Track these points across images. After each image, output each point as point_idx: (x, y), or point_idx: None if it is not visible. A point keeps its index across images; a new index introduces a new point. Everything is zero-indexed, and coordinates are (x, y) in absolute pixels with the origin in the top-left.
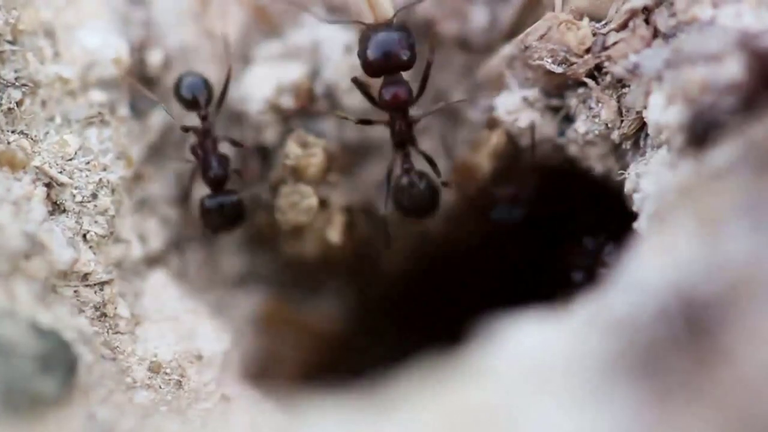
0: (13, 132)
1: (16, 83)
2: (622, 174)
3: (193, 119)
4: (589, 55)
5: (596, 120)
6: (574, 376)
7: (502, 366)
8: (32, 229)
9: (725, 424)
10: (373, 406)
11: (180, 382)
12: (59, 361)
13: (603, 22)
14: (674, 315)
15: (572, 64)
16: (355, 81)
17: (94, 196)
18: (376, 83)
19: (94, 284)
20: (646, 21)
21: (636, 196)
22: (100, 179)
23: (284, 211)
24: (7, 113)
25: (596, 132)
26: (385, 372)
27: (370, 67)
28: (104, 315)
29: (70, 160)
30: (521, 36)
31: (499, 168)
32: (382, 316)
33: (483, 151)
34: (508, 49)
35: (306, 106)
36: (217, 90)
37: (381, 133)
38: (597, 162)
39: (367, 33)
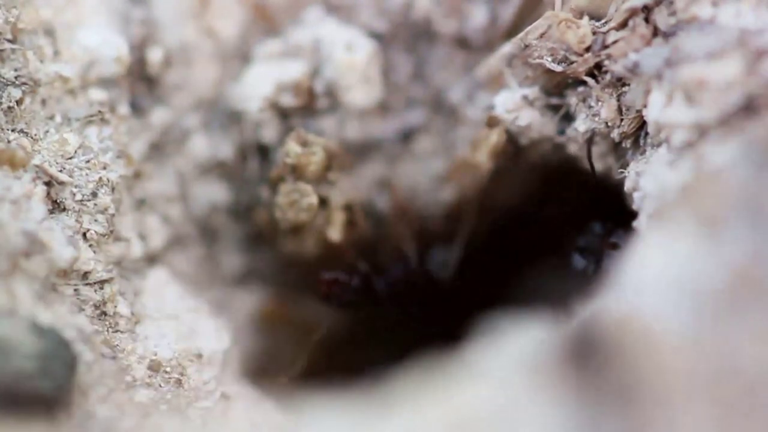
0: (13, 130)
1: (16, 82)
2: (622, 172)
3: (193, 119)
4: (589, 54)
5: (596, 118)
6: (572, 378)
7: (501, 366)
8: (32, 227)
9: (727, 420)
10: (373, 406)
11: (180, 380)
12: (59, 359)
13: (603, 21)
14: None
15: (572, 62)
16: None
17: (94, 194)
18: None
19: (94, 283)
20: (646, 20)
21: (636, 195)
22: (100, 178)
23: (284, 209)
24: (7, 112)
25: (596, 130)
26: (385, 372)
27: None
28: (104, 313)
29: (70, 158)
30: (521, 34)
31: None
32: (382, 315)
33: (483, 150)
34: (507, 48)
35: (307, 104)
36: None
37: (381, 131)
38: (597, 160)
39: None
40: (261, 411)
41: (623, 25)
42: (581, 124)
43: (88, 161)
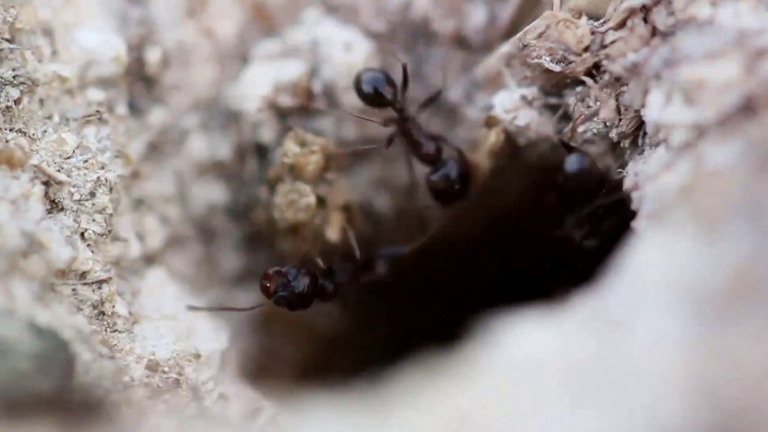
0: (11, 130)
1: (14, 81)
2: (621, 173)
3: (191, 119)
4: (588, 54)
5: (595, 119)
6: (572, 378)
7: (500, 367)
8: (30, 227)
9: (728, 421)
10: (372, 406)
11: (178, 380)
12: (57, 360)
13: (601, 21)
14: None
15: (570, 62)
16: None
17: (92, 194)
18: None
19: (92, 283)
20: (645, 20)
21: (635, 195)
22: (98, 177)
23: (282, 209)
24: (5, 111)
25: (594, 131)
26: (385, 372)
27: None
28: (102, 313)
29: (68, 158)
30: (519, 34)
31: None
32: (381, 315)
33: (482, 150)
34: (506, 48)
35: (305, 104)
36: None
37: (380, 131)
38: (596, 161)
39: None
40: (259, 411)
41: (622, 25)
42: (580, 125)
43: (86, 161)
